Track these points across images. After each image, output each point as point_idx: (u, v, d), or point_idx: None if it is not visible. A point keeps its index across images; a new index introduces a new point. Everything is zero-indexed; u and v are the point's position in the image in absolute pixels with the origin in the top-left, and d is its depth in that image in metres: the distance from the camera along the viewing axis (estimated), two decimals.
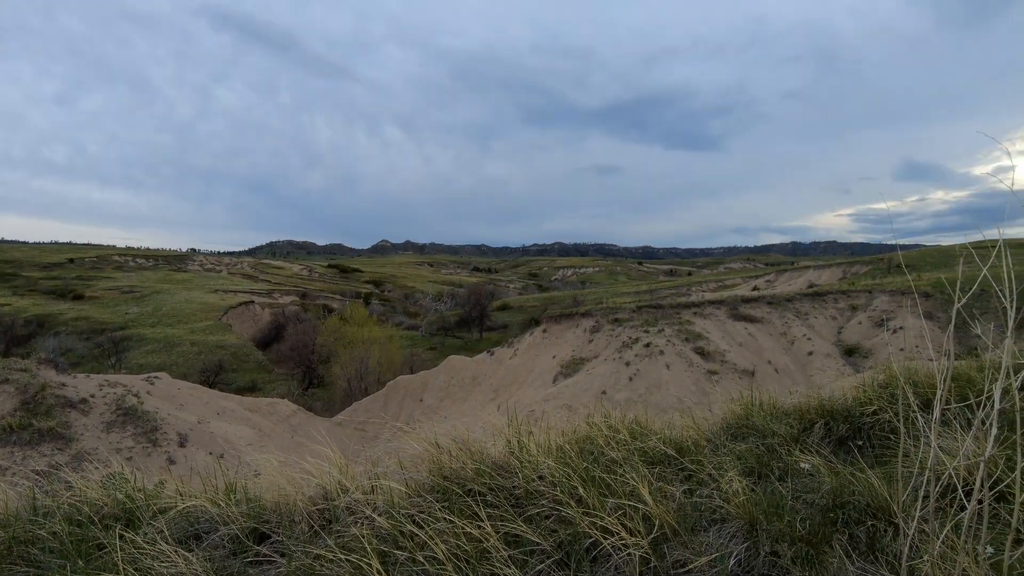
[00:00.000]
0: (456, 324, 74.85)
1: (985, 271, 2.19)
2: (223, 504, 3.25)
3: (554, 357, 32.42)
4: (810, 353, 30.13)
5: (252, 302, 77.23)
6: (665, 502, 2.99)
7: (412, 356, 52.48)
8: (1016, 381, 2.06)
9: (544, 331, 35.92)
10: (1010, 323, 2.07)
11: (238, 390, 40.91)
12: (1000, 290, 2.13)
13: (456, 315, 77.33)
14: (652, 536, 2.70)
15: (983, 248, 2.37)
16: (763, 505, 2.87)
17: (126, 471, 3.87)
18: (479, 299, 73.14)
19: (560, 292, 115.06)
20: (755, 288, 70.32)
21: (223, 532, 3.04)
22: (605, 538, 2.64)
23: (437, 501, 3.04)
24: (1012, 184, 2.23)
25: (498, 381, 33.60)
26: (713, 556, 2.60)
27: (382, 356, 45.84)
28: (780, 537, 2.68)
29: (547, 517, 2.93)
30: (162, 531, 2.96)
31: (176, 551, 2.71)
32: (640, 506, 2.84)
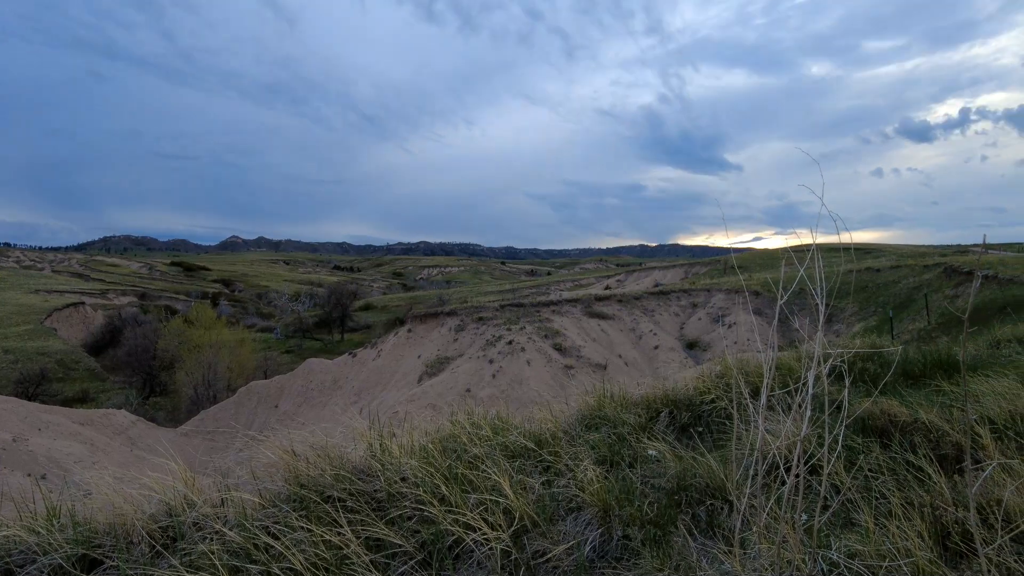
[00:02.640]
0: (315, 325, 71.81)
1: (802, 272, 2.48)
2: (43, 531, 2.88)
3: (419, 357, 32.17)
4: (656, 347, 32.40)
5: (82, 303, 69.37)
6: (525, 494, 3.08)
7: (266, 360, 49.72)
8: (825, 368, 2.36)
9: (409, 331, 35.52)
10: (821, 318, 2.36)
11: (65, 401, 36.50)
12: (813, 289, 2.43)
13: (315, 316, 74.16)
14: (513, 529, 2.77)
15: (801, 251, 2.67)
16: (615, 492, 3.05)
17: None
18: (340, 299, 70.64)
19: (425, 291, 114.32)
20: (607, 287, 74.33)
21: (43, 563, 2.70)
22: (467, 534, 2.66)
23: (294, 510, 2.91)
24: (822, 194, 2.53)
25: (361, 383, 32.75)
26: (570, 544, 2.72)
27: (233, 361, 43.13)
28: (631, 521, 2.86)
29: (410, 518, 2.90)
30: None
31: None
32: (501, 500, 2.90)
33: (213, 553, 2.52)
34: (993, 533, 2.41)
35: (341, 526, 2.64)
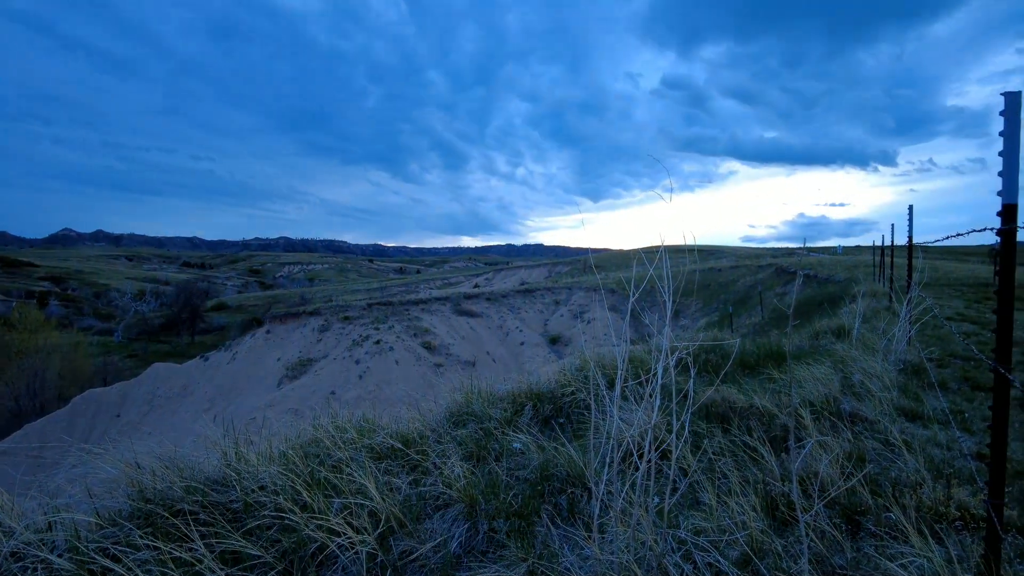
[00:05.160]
0: (162, 327, 66.07)
1: (652, 272, 2.67)
2: None
3: (279, 359, 30.62)
4: (522, 343, 33.25)
5: None
6: (392, 495, 3.05)
7: (106, 365, 45.05)
8: (672, 360, 2.55)
9: (267, 332, 33.70)
10: (668, 314, 2.56)
11: None
12: (662, 287, 2.62)
13: (162, 317, 68.24)
14: (379, 531, 2.74)
15: (652, 252, 2.88)
16: (481, 486, 3.11)
17: None
18: (190, 298, 65.62)
19: (286, 290, 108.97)
20: (476, 286, 75.18)
21: None
22: (332, 540, 2.59)
23: (138, 528, 2.68)
24: (671, 196, 2.74)
25: (214, 389, 30.57)
26: (437, 541, 2.73)
27: (65, 367, 38.78)
28: (497, 514, 2.93)
29: (269, 527, 2.78)
30: None
31: None
32: (367, 503, 2.86)
33: None
34: (811, 501, 2.74)
35: (193, 541, 2.47)
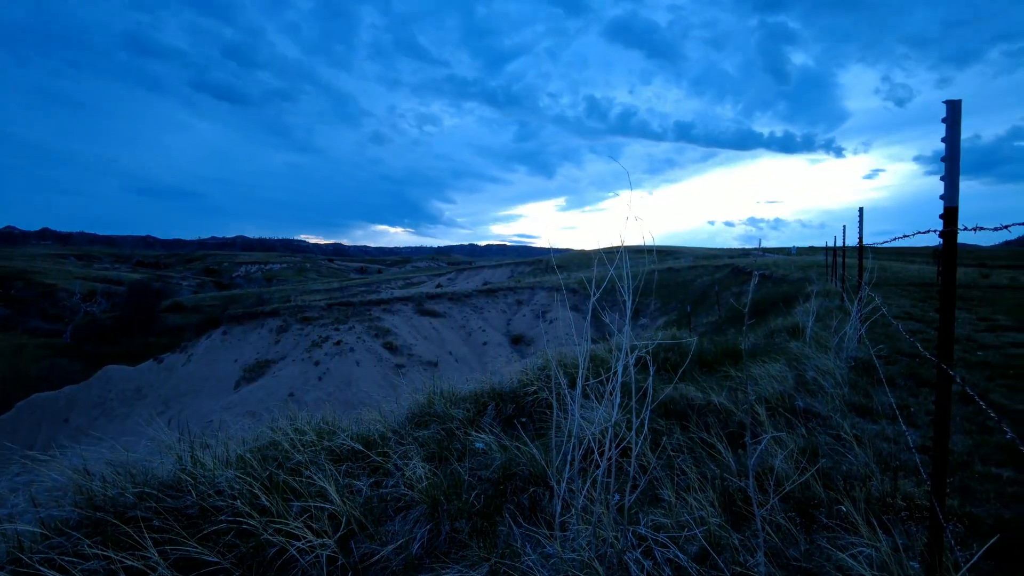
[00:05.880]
0: (114, 328, 63.83)
1: (612, 271, 2.70)
2: None
3: (236, 361, 29.96)
4: (485, 343, 33.26)
5: None
6: (352, 497, 3.02)
7: (53, 368, 43.28)
8: (632, 359, 2.59)
9: (224, 333, 32.92)
10: (628, 313, 2.59)
11: None
12: (622, 287, 2.65)
13: (114, 318, 65.97)
14: (340, 534, 2.71)
15: (613, 253, 2.91)
16: (444, 487, 3.10)
17: None
18: (143, 298, 63.75)
19: (243, 290, 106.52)
20: (439, 286, 74.92)
21: None
22: (291, 543, 2.55)
23: (88, 536, 2.60)
24: (630, 200, 2.77)
25: (169, 392, 29.74)
26: (399, 543, 2.71)
27: (9, 370, 37.26)
28: (459, 514, 2.92)
29: (226, 532, 2.72)
30: None
31: None
32: (327, 505, 2.82)
33: None
34: (767, 496, 2.81)
35: (146, 548, 2.40)
